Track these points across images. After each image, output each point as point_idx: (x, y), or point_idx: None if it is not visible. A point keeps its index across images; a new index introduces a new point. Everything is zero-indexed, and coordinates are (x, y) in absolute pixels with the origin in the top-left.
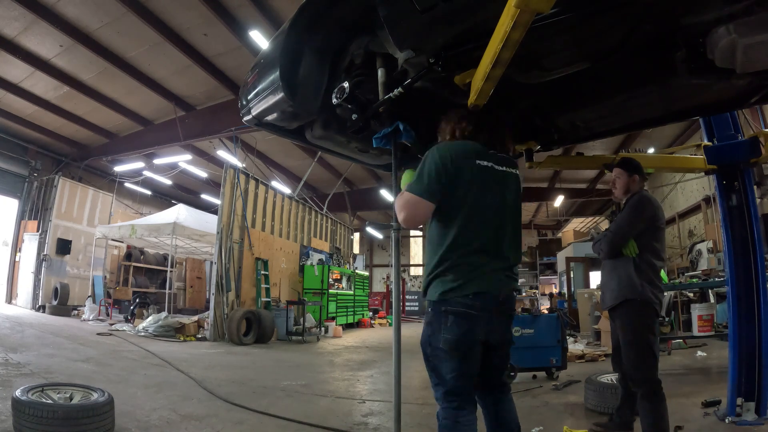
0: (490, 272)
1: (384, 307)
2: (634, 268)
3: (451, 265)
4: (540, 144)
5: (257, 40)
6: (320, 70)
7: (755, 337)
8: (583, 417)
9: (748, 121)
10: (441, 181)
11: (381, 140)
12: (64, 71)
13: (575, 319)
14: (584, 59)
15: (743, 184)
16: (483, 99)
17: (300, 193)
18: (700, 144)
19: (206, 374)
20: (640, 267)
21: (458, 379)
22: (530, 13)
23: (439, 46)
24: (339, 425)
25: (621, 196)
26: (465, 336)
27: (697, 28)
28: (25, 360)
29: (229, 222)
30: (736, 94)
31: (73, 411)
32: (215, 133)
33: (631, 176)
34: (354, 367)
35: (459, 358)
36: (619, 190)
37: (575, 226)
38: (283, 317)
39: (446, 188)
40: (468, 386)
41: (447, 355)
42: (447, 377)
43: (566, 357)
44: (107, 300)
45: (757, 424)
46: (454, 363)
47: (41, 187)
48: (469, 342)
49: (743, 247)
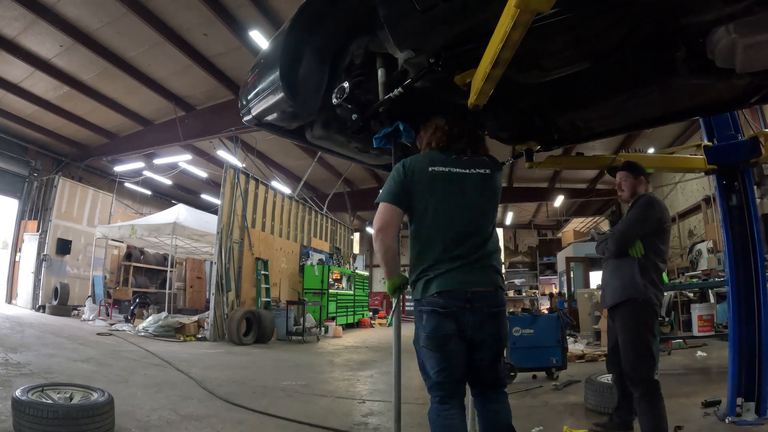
0: (456, 271)
1: (384, 307)
2: (639, 268)
3: (422, 269)
4: (540, 144)
5: (257, 40)
6: (320, 70)
7: (755, 337)
8: (583, 417)
9: (748, 121)
10: (403, 188)
11: (381, 140)
12: (64, 71)
13: (575, 319)
14: (584, 59)
15: (743, 184)
16: (483, 99)
17: (300, 193)
18: (700, 144)
19: (206, 374)
20: (644, 267)
21: (439, 374)
22: (530, 13)
23: (439, 46)
24: (339, 425)
25: (628, 198)
26: (435, 331)
27: (697, 28)
28: (25, 360)
29: (229, 222)
30: (736, 94)
31: (73, 411)
32: (215, 133)
33: (638, 178)
34: (354, 367)
35: (436, 352)
36: (627, 192)
37: (575, 226)
38: (283, 317)
39: (408, 195)
40: (450, 381)
41: (427, 351)
42: (430, 373)
43: (566, 357)
44: (107, 300)
45: (757, 424)
46: (433, 358)
47: (41, 187)
48: (441, 337)
49: (743, 247)
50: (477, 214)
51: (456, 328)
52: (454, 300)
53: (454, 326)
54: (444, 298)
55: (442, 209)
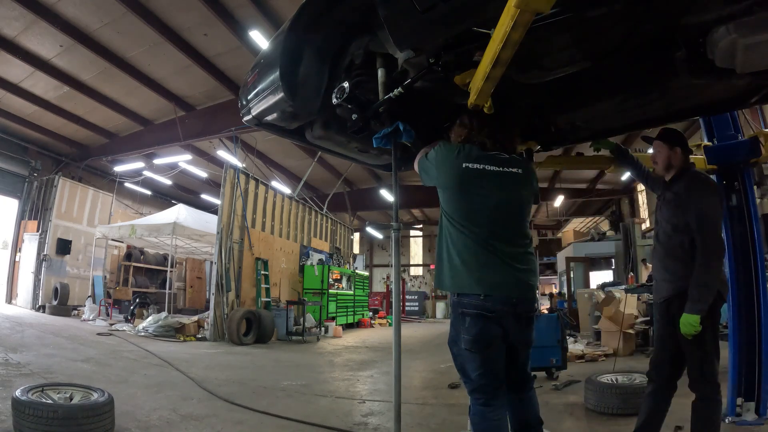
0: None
1: (384, 307)
2: None
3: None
4: (540, 144)
5: (257, 40)
6: (320, 70)
7: (755, 337)
8: (583, 417)
9: (748, 121)
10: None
11: (381, 140)
12: (64, 71)
13: (575, 319)
14: (584, 59)
15: (743, 184)
16: (483, 99)
17: (300, 193)
18: (700, 144)
19: (206, 374)
20: None
21: (482, 377)
22: (530, 13)
23: (439, 46)
24: (339, 425)
25: (662, 171)
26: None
27: (697, 28)
28: (25, 360)
29: (229, 222)
30: (736, 94)
31: (73, 411)
32: (215, 133)
33: (673, 149)
34: (354, 367)
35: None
36: (660, 164)
37: (575, 226)
38: (283, 317)
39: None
40: (492, 383)
41: (469, 353)
42: (472, 375)
43: (566, 357)
44: (107, 300)
45: (757, 424)
46: (475, 361)
47: (41, 187)
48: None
49: (743, 247)
50: (516, 213)
51: (500, 332)
52: (501, 305)
53: (499, 330)
54: (491, 303)
55: (485, 207)
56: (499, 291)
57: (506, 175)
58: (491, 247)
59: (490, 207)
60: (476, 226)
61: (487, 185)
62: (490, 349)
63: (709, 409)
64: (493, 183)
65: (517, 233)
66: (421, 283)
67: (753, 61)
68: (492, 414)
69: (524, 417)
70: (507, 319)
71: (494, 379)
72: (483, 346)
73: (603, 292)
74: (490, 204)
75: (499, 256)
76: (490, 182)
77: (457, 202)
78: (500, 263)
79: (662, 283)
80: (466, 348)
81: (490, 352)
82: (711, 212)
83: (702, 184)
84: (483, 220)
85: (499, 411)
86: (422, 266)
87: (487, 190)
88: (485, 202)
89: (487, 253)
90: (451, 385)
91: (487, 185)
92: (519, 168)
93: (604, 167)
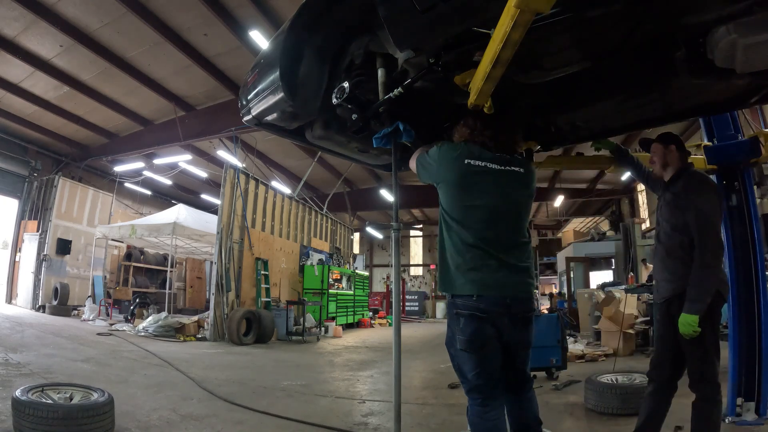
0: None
1: (384, 307)
2: None
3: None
4: (540, 144)
5: (257, 40)
6: (320, 70)
7: (755, 337)
8: (583, 417)
9: (748, 121)
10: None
11: (381, 140)
12: (64, 71)
13: (575, 319)
14: (584, 59)
15: (743, 184)
16: (483, 99)
17: (300, 193)
18: (700, 144)
19: (206, 374)
20: None
21: (478, 377)
22: (530, 13)
23: (439, 46)
24: (339, 425)
25: (660, 170)
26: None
27: (697, 28)
28: (25, 360)
29: (229, 222)
30: (736, 94)
31: (73, 411)
32: (215, 133)
33: (667, 147)
34: (354, 367)
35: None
36: (657, 164)
37: (575, 226)
38: (283, 317)
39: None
40: (488, 383)
41: (464, 354)
42: (468, 375)
43: (566, 357)
44: (107, 300)
45: (757, 424)
46: (471, 361)
47: (41, 187)
48: (480, 341)
49: (743, 247)
50: (515, 212)
51: (494, 332)
52: (494, 305)
53: (493, 330)
54: (484, 303)
55: (483, 205)
56: (492, 291)
57: (508, 174)
58: (487, 247)
59: (490, 205)
60: (473, 225)
61: (489, 183)
62: (485, 349)
63: (709, 409)
64: (495, 181)
65: (515, 233)
66: (421, 283)
67: (753, 61)
68: (489, 414)
69: (523, 418)
70: (501, 320)
71: (490, 380)
72: (477, 346)
73: (603, 292)
74: (490, 202)
75: (495, 257)
76: (492, 180)
77: (456, 198)
78: (495, 263)
79: (663, 283)
80: (462, 348)
81: (485, 352)
82: (709, 211)
83: (700, 184)
84: (481, 218)
85: (496, 411)
86: (422, 266)
87: (488, 187)
88: (485, 200)
89: (482, 254)
90: (451, 386)
91: (488, 183)
92: (521, 167)
93: (604, 167)
